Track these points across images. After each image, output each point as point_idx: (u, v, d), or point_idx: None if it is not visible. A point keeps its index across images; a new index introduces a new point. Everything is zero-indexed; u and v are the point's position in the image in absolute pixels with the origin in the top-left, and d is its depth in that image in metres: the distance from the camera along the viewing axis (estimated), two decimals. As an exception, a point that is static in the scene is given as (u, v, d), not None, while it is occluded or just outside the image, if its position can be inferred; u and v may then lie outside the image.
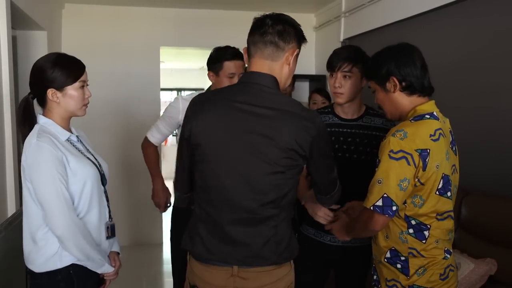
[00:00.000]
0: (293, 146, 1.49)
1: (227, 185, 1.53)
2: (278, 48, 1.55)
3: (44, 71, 1.79)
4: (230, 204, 1.54)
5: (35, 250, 1.78)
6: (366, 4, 4.12)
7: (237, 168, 1.51)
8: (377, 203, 1.64)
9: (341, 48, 2.32)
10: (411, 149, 1.63)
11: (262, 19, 1.58)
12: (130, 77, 5.14)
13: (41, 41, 4.14)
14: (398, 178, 1.63)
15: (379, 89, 1.82)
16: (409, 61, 1.76)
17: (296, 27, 1.62)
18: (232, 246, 1.55)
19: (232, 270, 1.55)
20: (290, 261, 1.64)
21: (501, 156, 2.77)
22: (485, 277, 2.47)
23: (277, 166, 1.50)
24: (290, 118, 1.51)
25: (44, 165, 1.70)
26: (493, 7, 2.85)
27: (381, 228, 1.72)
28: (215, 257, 1.57)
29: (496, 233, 2.58)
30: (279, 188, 1.53)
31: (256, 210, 1.53)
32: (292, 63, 1.60)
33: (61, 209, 1.71)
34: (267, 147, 1.49)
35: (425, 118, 1.71)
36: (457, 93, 2.99)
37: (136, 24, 5.09)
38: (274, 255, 1.56)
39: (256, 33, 1.56)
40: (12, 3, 3.11)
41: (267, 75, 1.55)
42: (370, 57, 1.89)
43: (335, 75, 2.14)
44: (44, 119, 1.81)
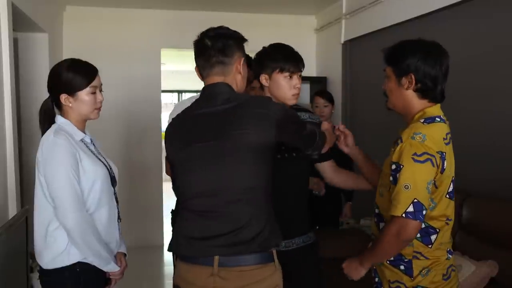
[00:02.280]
0: (254, 137, 1.59)
1: (206, 181, 1.63)
2: (225, 65, 1.68)
3: (58, 77, 1.88)
4: (207, 196, 1.62)
5: (44, 247, 1.84)
6: (367, 6, 4.12)
7: (213, 165, 1.61)
8: (409, 210, 1.56)
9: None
10: (434, 151, 1.60)
11: (201, 40, 1.70)
12: (131, 79, 5.15)
13: (43, 43, 4.15)
14: (425, 181, 1.58)
15: (393, 79, 1.74)
16: (436, 63, 1.69)
17: (234, 36, 1.71)
18: (209, 235, 1.60)
19: (212, 269, 1.56)
20: (274, 262, 1.62)
21: (503, 158, 2.77)
22: (486, 279, 2.46)
23: (247, 152, 1.59)
24: (245, 110, 1.62)
25: (58, 160, 1.78)
26: (496, 9, 2.85)
27: (415, 236, 1.63)
28: (196, 251, 1.61)
29: (497, 235, 2.58)
30: (252, 175, 1.61)
31: (230, 199, 1.60)
32: (242, 70, 1.73)
33: (72, 202, 1.77)
34: (236, 139, 1.59)
35: (436, 121, 1.68)
36: (459, 96, 2.98)
37: (137, 26, 5.10)
38: (253, 242, 1.57)
39: (201, 59, 1.70)
40: (14, 5, 3.12)
41: (219, 83, 1.69)
42: (399, 42, 1.80)
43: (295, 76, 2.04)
44: (62, 119, 1.91)
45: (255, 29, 5.08)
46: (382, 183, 1.82)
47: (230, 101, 1.63)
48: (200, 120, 1.66)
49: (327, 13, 5.09)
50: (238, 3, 4.81)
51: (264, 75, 2.00)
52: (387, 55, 1.80)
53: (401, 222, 1.59)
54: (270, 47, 2.05)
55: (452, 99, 1.88)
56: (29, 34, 4.06)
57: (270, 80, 1.99)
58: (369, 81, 4.32)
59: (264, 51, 2.04)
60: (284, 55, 1.99)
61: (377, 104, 1.89)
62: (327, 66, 5.17)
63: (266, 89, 2.02)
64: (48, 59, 4.13)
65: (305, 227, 2.13)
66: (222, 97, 1.65)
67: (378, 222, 1.84)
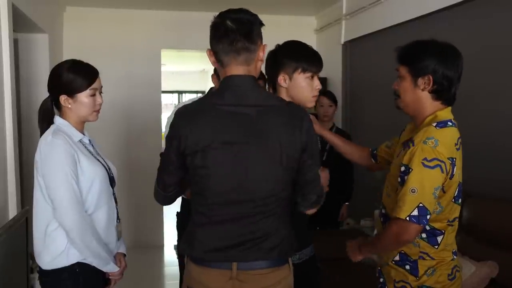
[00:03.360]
0: (292, 143, 1.54)
1: (231, 183, 1.53)
2: (251, 52, 1.55)
3: (58, 77, 1.87)
4: (229, 204, 1.55)
5: (43, 247, 1.84)
6: (367, 6, 4.13)
7: (244, 167, 1.52)
8: (413, 213, 1.58)
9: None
10: (444, 157, 1.60)
11: (223, 23, 1.55)
12: (131, 80, 5.15)
13: (43, 44, 4.15)
14: (433, 187, 1.59)
15: (409, 79, 1.72)
16: (453, 64, 1.69)
17: (257, 21, 1.59)
18: (230, 244, 1.55)
19: (230, 273, 1.54)
20: (288, 264, 1.62)
21: (503, 159, 2.77)
22: (486, 280, 2.46)
23: (276, 161, 1.52)
24: (278, 112, 1.54)
25: (56, 160, 1.78)
26: (496, 9, 2.85)
27: (414, 239, 1.65)
28: (214, 257, 1.56)
29: (498, 236, 2.58)
30: (278, 184, 1.56)
31: (253, 208, 1.55)
32: (263, 57, 1.61)
33: (71, 203, 1.77)
34: (267, 146, 1.52)
35: (448, 126, 1.68)
36: (459, 96, 2.97)
37: (137, 27, 5.10)
38: (267, 254, 1.56)
39: (225, 42, 1.53)
40: (14, 6, 3.12)
41: (245, 76, 1.55)
42: (414, 42, 1.80)
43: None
44: (60, 120, 1.90)
45: (255, 30, 5.11)
46: (389, 184, 1.83)
47: (261, 104, 1.53)
48: (230, 119, 1.51)
49: (327, 14, 5.09)
50: (238, 4, 4.79)
51: (283, 75, 1.86)
52: (402, 55, 1.77)
53: (403, 225, 1.60)
54: (289, 45, 1.92)
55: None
56: (29, 35, 4.06)
57: (290, 81, 1.86)
58: (369, 82, 4.33)
59: (283, 49, 1.90)
60: (307, 54, 1.88)
61: (377, 105, 1.90)
62: (327, 66, 5.10)
63: (282, 90, 1.88)
64: (48, 59, 4.13)
65: (311, 236, 2.11)
66: (254, 96, 1.54)
67: (384, 221, 1.84)
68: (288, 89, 1.87)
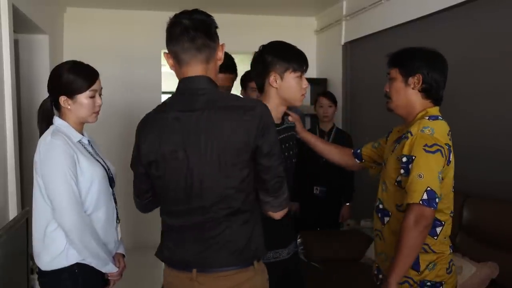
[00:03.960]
0: (240, 142, 1.48)
1: (184, 195, 1.54)
2: (211, 50, 1.55)
3: (58, 78, 1.87)
4: (189, 211, 1.55)
5: (42, 248, 1.84)
6: (367, 7, 4.13)
7: (193, 177, 1.51)
8: (424, 197, 1.64)
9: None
10: (442, 143, 1.70)
11: (179, 22, 1.53)
12: (132, 81, 5.15)
13: (43, 44, 4.15)
14: (437, 171, 1.67)
15: (400, 79, 1.84)
16: (440, 68, 1.83)
17: (213, 21, 1.58)
18: (191, 250, 1.57)
19: (191, 275, 1.55)
20: (253, 266, 1.57)
21: (503, 159, 2.77)
22: (486, 281, 2.46)
23: (231, 166, 1.49)
24: (231, 113, 1.50)
25: (56, 161, 1.78)
26: (496, 11, 2.85)
27: (431, 223, 1.69)
28: (178, 262, 1.60)
29: (498, 237, 2.57)
30: (238, 192, 1.52)
31: (212, 212, 1.53)
32: (221, 56, 1.60)
33: (70, 203, 1.77)
34: (217, 149, 1.48)
35: (439, 119, 1.79)
36: (460, 97, 2.98)
37: (138, 27, 5.10)
38: (230, 258, 1.54)
39: (185, 40, 1.51)
40: (14, 7, 3.12)
41: (201, 77, 1.54)
42: (403, 48, 1.91)
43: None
44: (59, 120, 1.90)
45: (256, 31, 5.11)
46: (385, 179, 1.88)
47: (209, 107, 1.50)
48: (176, 126, 1.52)
49: (327, 15, 5.09)
50: (238, 4, 4.81)
51: (274, 75, 1.88)
52: (393, 58, 1.89)
53: (418, 209, 1.65)
54: (276, 45, 1.94)
55: (453, 101, 1.90)
56: (30, 36, 4.06)
57: (281, 81, 1.88)
58: (370, 83, 4.32)
59: (271, 49, 1.91)
60: (296, 54, 1.92)
61: (377, 105, 1.92)
62: (327, 67, 5.17)
63: (272, 90, 1.90)
64: (48, 60, 4.14)
65: (294, 233, 2.16)
66: (203, 99, 1.51)
67: (382, 216, 1.88)
68: (278, 89, 1.89)
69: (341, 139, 3.73)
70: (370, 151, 2.14)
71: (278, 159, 1.55)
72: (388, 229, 1.85)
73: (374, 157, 2.12)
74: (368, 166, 2.17)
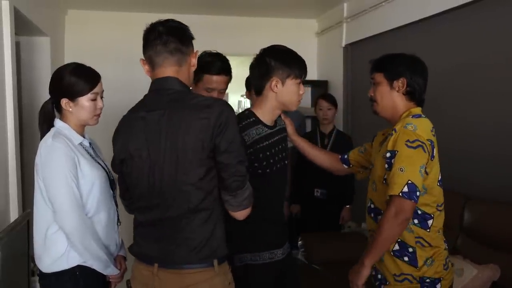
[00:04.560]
0: (197, 140, 1.53)
1: (147, 191, 1.61)
2: (183, 54, 1.63)
3: (60, 80, 1.88)
4: (152, 207, 1.62)
5: (43, 250, 1.84)
6: (368, 9, 4.13)
7: (155, 174, 1.58)
8: (404, 190, 1.68)
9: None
10: (424, 139, 1.75)
11: (155, 29, 1.64)
12: (133, 83, 5.12)
13: (44, 47, 4.16)
14: (418, 165, 1.72)
15: (385, 83, 1.92)
16: (421, 73, 1.92)
17: (188, 29, 1.69)
18: (154, 245, 1.63)
19: (153, 269, 1.60)
20: (213, 266, 1.59)
21: (504, 161, 2.76)
22: (488, 283, 2.45)
23: (189, 164, 1.54)
24: (188, 112, 1.55)
25: (57, 164, 1.78)
26: (496, 12, 2.85)
27: (411, 216, 1.74)
28: (142, 256, 1.66)
29: (499, 239, 2.57)
30: (197, 189, 1.56)
31: (172, 209, 1.58)
32: (195, 63, 1.70)
33: (71, 206, 1.78)
34: (175, 147, 1.54)
35: (422, 117, 1.86)
36: (460, 99, 2.98)
37: (139, 30, 5.01)
38: (189, 255, 1.58)
39: (158, 44, 1.61)
40: (16, 9, 3.13)
41: (170, 78, 1.62)
42: (385, 54, 2.01)
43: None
44: (60, 123, 1.91)
45: (256, 33, 5.11)
46: (374, 178, 1.94)
47: (171, 106, 1.57)
48: (141, 125, 1.61)
49: (328, 17, 5.09)
50: (239, 7, 4.82)
51: (275, 80, 1.89)
52: (377, 64, 1.99)
53: (398, 201, 1.70)
54: (278, 50, 1.96)
55: (454, 103, 1.90)
56: (31, 38, 4.07)
57: (282, 86, 1.90)
58: (370, 85, 4.32)
59: (273, 54, 1.93)
60: (298, 61, 1.95)
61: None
62: (328, 69, 5.17)
63: (272, 95, 1.92)
64: (50, 62, 4.14)
65: (290, 233, 2.23)
66: (167, 99, 1.59)
67: (375, 216, 1.93)
68: (278, 93, 1.92)
69: (341, 141, 3.73)
70: (357, 156, 2.22)
71: (237, 157, 1.56)
72: None
73: (361, 162, 2.20)
74: (355, 171, 2.26)
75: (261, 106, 1.97)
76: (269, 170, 1.94)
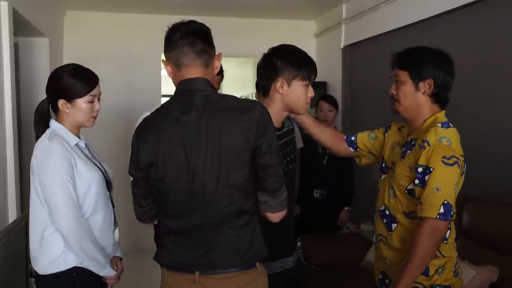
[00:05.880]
0: (240, 141, 1.49)
1: (185, 196, 1.54)
2: (209, 56, 1.58)
3: (58, 81, 1.86)
4: (190, 212, 1.55)
5: (40, 252, 1.83)
6: (366, 11, 4.14)
7: (195, 177, 1.51)
8: (440, 211, 1.63)
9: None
10: (459, 154, 1.69)
11: (179, 29, 1.57)
12: (132, 84, 5.15)
13: (43, 48, 4.16)
14: (453, 183, 1.67)
15: (409, 83, 1.79)
16: (451, 72, 1.79)
17: (209, 30, 1.62)
18: (192, 252, 1.57)
19: (194, 277, 1.55)
20: (255, 267, 1.58)
21: (503, 162, 2.77)
22: (486, 284, 2.45)
23: (232, 165, 1.49)
24: (231, 114, 1.50)
25: (53, 165, 1.77)
26: (496, 13, 2.86)
27: (444, 235, 1.71)
28: (179, 265, 1.59)
29: (498, 240, 2.57)
30: (239, 191, 1.52)
31: (214, 212, 1.53)
32: (218, 65, 1.64)
33: (68, 208, 1.76)
34: (218, 149, 1.49)
35: (450, 126, 1.76)
36: (460, 100, 2.96)
37: (138, 31, 5.11)
38: (234, 258, 1.55)
39: (185, 44, 1.54)
40: (15, 10, 3.13)
41: (199, 78, 1.56)
42: (409, 48, 1.86)
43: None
44: (56, 124, 1.89)
45: (255, 34, 5.12)
46: (392, 184, 1.85)
47: (207, 107, 1.51)
48: (174, 128, 1.53)
49: (326, 18, 5.10)
50: (238, 8, 4.83)
51: (281, 81, 1.82)
52: (401, 60, 1.84)
53: (434, 223, 1.64)
54: (287, 50, 1.88)
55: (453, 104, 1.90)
56: (30, 39, 4.06)
57: (288, 87, 1.83)
58: (369, 86, 4.33)
59: (281, 54, 1.85)
60: (307, 62, 1.86)
61: (377, 109, 1.93)
62: (327, 71, 5.18)
63: (277, 96, 1.85)
64: (48, 63, 4.14)
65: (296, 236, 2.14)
66: (202, 100, 1.52)
67: (389, 222, 1.86)
68: (284, 95, 1.84)
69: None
70: (368, 142, 2.07)
71: (277, 158, 1.54)
72: (397, 237, 1.83)
73: (370, 148, 2.07)
74: (362, 155, 2.10)
75: (268, 108, 1.92)
76: None
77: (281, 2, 4.60)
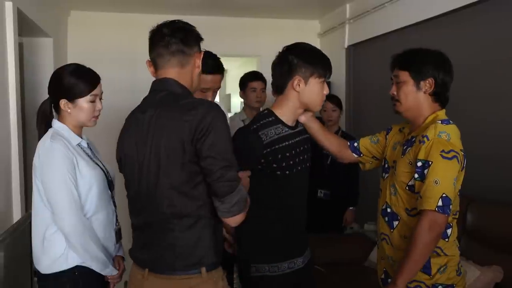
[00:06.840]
0: (176, 142, 1.48)
1: (135, 194, 1.61)
2: (185, 55, 1.61)
3: (60, 81, 1.87)
4: (141, 210, 1.61)
5: (42, 251, 1.83)
6: (370, 10, 4.13)
7: (144, 176, 1.56)
8: (439, 204, 1.64)
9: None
10: (458, 149, 1.70)
11: (159, 31, 1.63)
12: (135, 84, 5.14)
13: (47, 48, 4.17)
14: (452, 177, 1.67)
15: (410, 83, 1.82)
16: (450, 72, 1.83)
17: (194, 30, 1.67)
18: (143, 249, 1.62)
19: (144, 273, 1.60)
20: (200, 273, 1.55)
21: (507, 163, 2.76)
22: (491, 285, 2.45)
23: (170, 166, 1.50)
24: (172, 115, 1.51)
25: (55, 165, 1.77)
26: (497, 14, 2.85)
27: (443, 229, 1.70)
28: (135, 259, 1.66)
29: (502, 240, 2.56)
30: (180, 194, 1.51)
31: (158, 213, 1.55)
32: (199, 64, 1.67)
33: (70, 207, 1.77)
34: (158, 148, 1.51)
35: (451, 123, 1.79)
36: (462, 101, 2.97)
37: (142, 31, 5.05)
38: (174, 261, 1.55)
39: (160, 46, 1.60)
40: (19, 10, 3.14)
41: (168, 79, 1.61)
42: (408, 50, 1.88)
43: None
44: (58, 123, 1.90)
45: (259, 34, 5.12)
46: (394, 182, 1.86)
47: (160, 106, 1.54)
48: (133, 127, 1.61)
49: (330, 18, 5.09)
50: (241, 8, 4.82)
51: (298, 79, 1.82)
52: (401, 61, 1.87)
53: (432, 216, 1.65)
54: (302, 48, 1.90)
55: (456, 104, 1.90)
56: (34, 39, 4.08)
57: (304, 85, 1.83)
58: (373, 85, 4.32)
59: (297, 52, 1.86)
60: (322, 59, 1.88)
61: (381, 108, 1.92)
62: (330, 70, 5.17)
63: (293, 94, 1.84)
64: (52, 63, 4.15)
65: (308, 240, 2.12)
66: (159, 100, 1.56)
67: (391, 220, 1.87)
68: (300, 93, 1.84)
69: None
70: (370, 146, 2.09)
71: (222, 162, 1.47)
72: (397, 234, 1.83)
73: (373, 152, 2.09)
74: (365, 161, 2.12)
75: (282, 106, 1.89)
76: (289, 172, 1.87)
77: (284, 1, 4.59)
